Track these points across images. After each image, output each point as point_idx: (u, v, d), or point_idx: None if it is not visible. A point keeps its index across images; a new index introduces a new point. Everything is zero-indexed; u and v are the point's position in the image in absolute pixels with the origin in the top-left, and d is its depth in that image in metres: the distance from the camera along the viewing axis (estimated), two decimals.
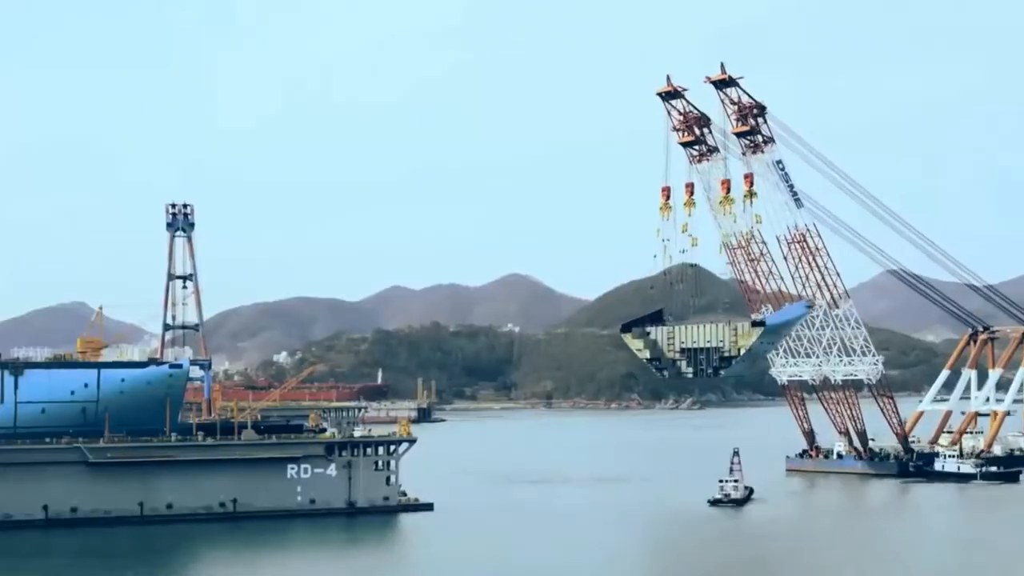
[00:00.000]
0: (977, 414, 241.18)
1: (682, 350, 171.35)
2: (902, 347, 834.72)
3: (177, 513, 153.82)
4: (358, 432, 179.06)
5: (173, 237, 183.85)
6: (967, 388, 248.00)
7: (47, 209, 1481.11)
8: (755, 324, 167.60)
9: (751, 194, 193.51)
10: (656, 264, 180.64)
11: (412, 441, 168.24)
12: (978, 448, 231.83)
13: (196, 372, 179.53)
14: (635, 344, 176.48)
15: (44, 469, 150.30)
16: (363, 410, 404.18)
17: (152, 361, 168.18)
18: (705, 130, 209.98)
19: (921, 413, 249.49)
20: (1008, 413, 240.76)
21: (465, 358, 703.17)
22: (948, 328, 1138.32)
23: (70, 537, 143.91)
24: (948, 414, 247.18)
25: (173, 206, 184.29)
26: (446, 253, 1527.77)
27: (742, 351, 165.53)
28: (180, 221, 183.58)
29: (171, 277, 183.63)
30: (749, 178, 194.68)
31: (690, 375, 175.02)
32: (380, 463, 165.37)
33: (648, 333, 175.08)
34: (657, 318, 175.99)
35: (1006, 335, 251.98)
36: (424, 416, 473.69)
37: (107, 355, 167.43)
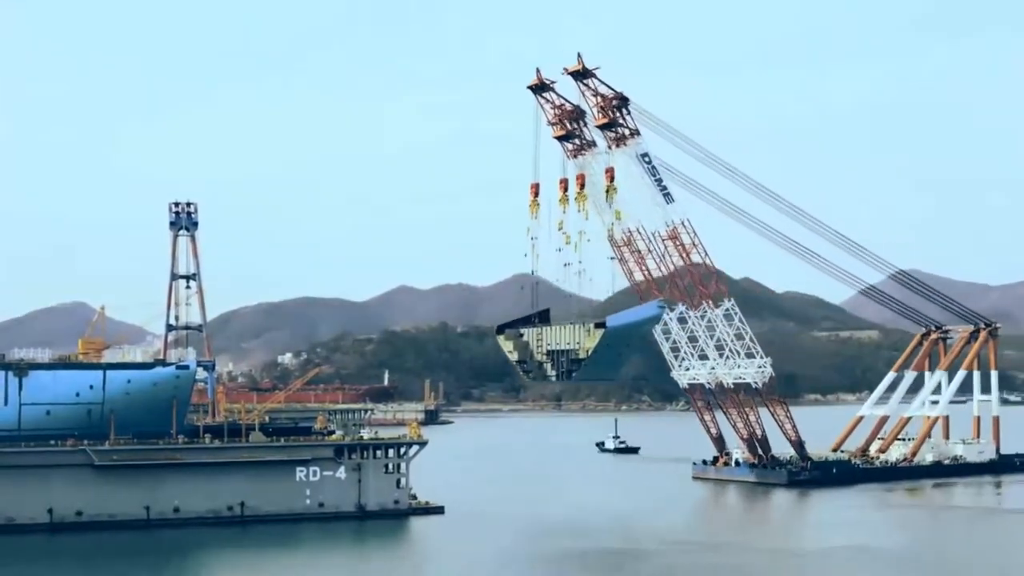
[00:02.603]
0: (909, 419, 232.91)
1: (548, 352, 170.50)
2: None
3: (184, 517, 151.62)
4: (365, 434, 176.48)
5: (176, 236, 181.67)
6: (912, 391, 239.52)
7: (46, 207, 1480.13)
8: (598, 326, 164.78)
9: (612, 189, 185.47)
10: (526, 263, 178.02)
11: (422, 443, 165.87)
12: (905, 455, 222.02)
13: (200, 374, 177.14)
14: (506, 346, 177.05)
15: (49, 472, 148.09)
16: (369, 412, 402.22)
17: (158, 362, 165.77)
18: (581, 123, 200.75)
19: (861, 418, 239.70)
20: (938, 418, 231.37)
21: (473, 359, 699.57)
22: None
23: (75, 541, 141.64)
24: (884, 419, 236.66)
25: (176, 204, 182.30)
26: (454, 252, 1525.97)
27: (588, 353, 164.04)
28: (183, 219, 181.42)
29: (174, 277, 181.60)
30: (610, 172, 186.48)
31: (553, 378, 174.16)
32: (390, 466, 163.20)
33: (521, 335, 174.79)
34: (541, 319, 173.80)
35: (958, 335, 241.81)
36: (431, 418, 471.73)
37: (109, 356, 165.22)
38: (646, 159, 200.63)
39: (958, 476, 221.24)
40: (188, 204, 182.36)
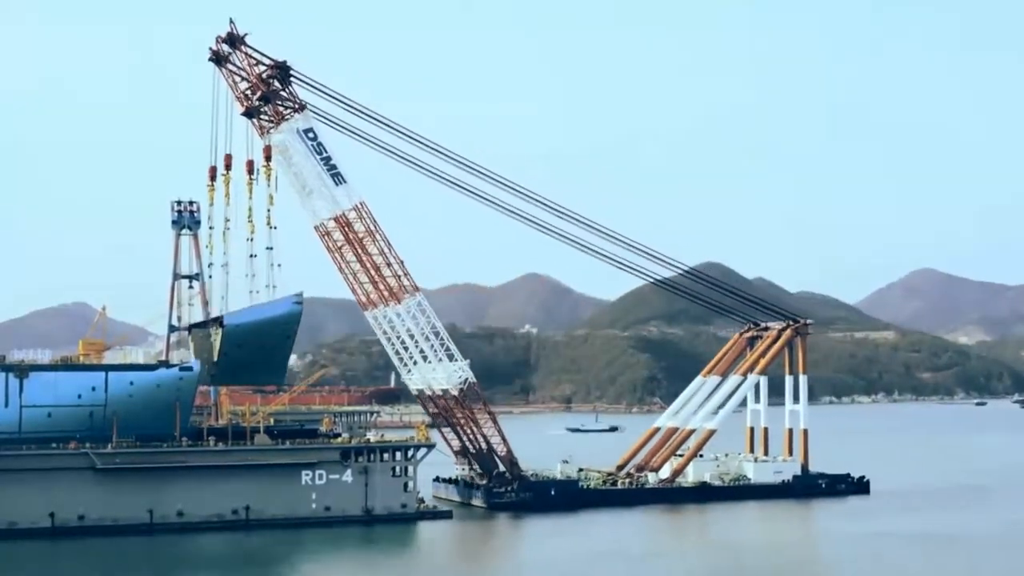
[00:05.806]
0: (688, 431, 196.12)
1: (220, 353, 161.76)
2: (933, 349, 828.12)
3: (188, 521, 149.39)
4: (371, 437, 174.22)
5: (179, 235, 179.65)
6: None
7: (46, 206, 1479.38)
8: (221, 325, 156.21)
9: (267, 170, 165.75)
10: (204, 259, 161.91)
11: (431, 446, 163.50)
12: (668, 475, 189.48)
13: None
14: (193, 347, 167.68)
15: (50, 475, 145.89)
16: (376, 414, 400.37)
17: (161, 364, 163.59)
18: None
19: (656, 429, 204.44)
20: (712, 431, 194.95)
21: (481, 360, 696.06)
22: (982, 330, 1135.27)
23: (77, 546, 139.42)
24: (672, 431, 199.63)
25: (179, 203, 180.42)
26: (462, 252, 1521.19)
27: (217, 354, 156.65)
28: (186, 218, 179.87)
29: (176, 276, 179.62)
30: (266, 151, 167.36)
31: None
32: (398, 469, 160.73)
33: (210, 336, 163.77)
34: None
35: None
36: None
37: (110, 357, 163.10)
38: (310, 135, 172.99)
39: (733, 500, 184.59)
40: (191, 203, 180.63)
